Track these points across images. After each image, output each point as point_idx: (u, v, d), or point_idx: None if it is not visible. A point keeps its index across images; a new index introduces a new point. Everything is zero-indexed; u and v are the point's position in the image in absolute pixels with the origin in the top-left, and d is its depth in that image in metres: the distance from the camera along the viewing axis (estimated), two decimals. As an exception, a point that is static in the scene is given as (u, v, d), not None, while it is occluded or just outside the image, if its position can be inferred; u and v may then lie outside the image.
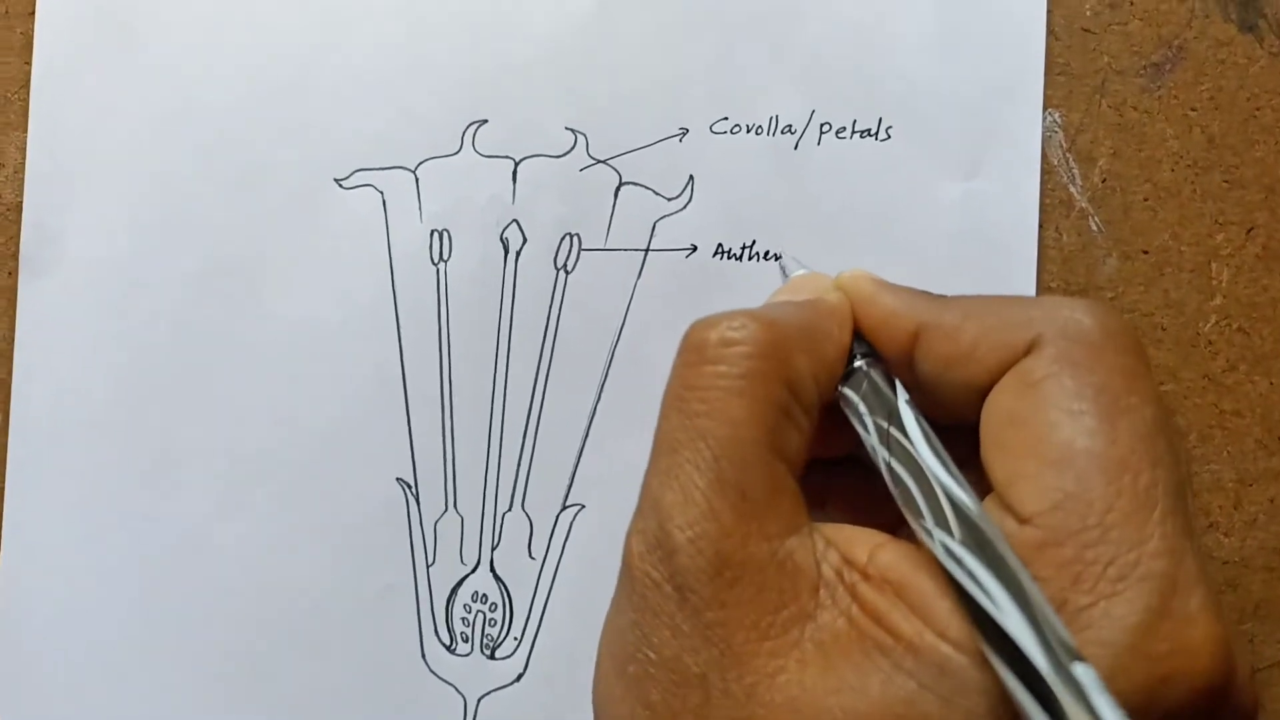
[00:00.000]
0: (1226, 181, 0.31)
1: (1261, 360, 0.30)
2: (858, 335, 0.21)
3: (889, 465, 0.18)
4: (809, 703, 0.16)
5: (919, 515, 0.17)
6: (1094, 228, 0.31)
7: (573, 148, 0.31)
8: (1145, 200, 0.31)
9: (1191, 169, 0.31)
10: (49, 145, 0.32)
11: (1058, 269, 0.31)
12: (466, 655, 0.31)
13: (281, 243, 0.32)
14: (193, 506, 0.31)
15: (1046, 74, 0.31)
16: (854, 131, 0.31)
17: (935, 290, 0.21)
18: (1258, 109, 0.31)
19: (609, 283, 0.31)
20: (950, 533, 0.17)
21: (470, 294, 0.31)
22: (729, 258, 0.31)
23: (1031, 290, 0.31)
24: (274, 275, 0.32)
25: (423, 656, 0.31)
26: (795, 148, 0.31)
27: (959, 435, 0.19)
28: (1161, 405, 0.18)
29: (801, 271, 0.24)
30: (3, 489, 0.32)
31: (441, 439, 0.31)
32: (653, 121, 0.31)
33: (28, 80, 0.33)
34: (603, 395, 0.31)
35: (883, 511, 0.19)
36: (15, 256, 0.33)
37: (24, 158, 0.33)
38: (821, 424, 0.20)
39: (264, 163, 0.32)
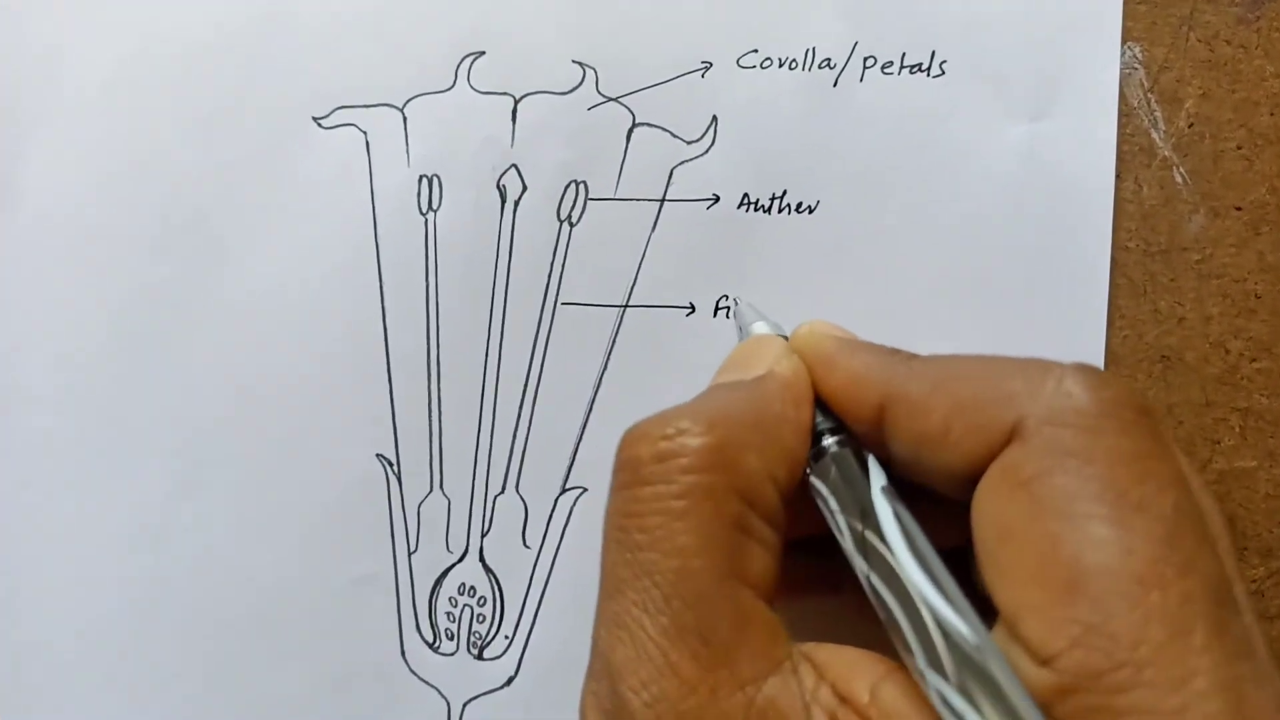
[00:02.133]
0: (1335, 129, 0.27)
1: (1372, 336, 0.27)
2: (823, 406, 0.18)
3: (869, 580, 0.15)
4: None
5: (907, 649, 0.14)
6: (1178, 179, 0.27)
7: (580, 84, 0.28)
8: (1239, 148, 0.27)
9: (1293, 114, 0.27)
10: (2, 86, 0.30)
11: (1136, 226, 0.27)
12: (451, 655, 0.28)
13: (252, 190, 0.29)
14: (150, 483, 0.29)
15: (1126, 2, 0.27)
16: (902, 66, 0.27)
17: (993, 257, 0.18)
18: (1374, 45, 0.27)
19: (618, 237, 0.28)
20: (944, 674, 0.14)
21: (462, 248, 0.28)
22: (756, 209, 0.28)
23: (1105, 253, 0.27)
24: (243, 226, 0.29)
25: (402, 655, 0.28)
26: (834, 85, 0.28)
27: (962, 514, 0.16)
28: (1184, 487, 0.14)
29: (759, 325, 0.21)
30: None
31: (427, 411, 0.28)
32: (671, 54, 0.28)
33: (-19, 12, 0.30)
34: (609, 365, 0.28)
35: None
36: (-35, 204, 0.30)
37: (-24, 96, 0.30)
38: (805, 498, 0.17)
39: (234, 100, 0.29)
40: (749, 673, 0.15)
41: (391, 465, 0.28)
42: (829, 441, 0.17)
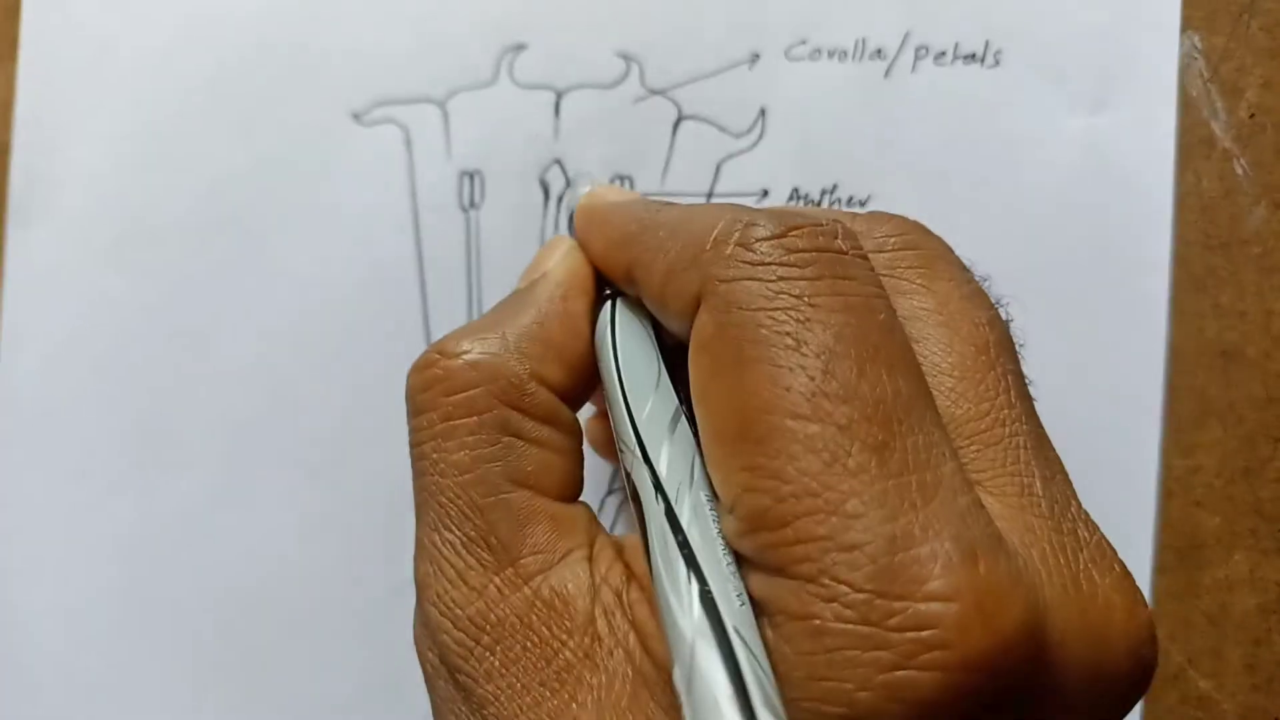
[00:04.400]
0: (1401, 118, 0.26)
1: None
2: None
3: (616, 427, 0.16)
4: None
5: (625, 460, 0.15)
6: (1239, 171, 0.27)
7: (624, 77, 0.28)
8: (1302, 139, 0.27)
9: (1358, 103, 0.26)
10: (40, 80, 0.30)
11: (1196, 219, 0.27)
12: (497, 658, 0.27)
13: (292, 187, 0.28)
14: (189, 488, 0.28)
15: None
16: (956, 56, 0.27)
17: (1051, 252, 0.17)
18: None
19: (665, 233, 0.27)
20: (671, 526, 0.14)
21: (505, 245, 0.28)
22: (806, 203, 0.27)
23: (1165, 247, 0.26)
24: (284, 224, 0.28)
25: (448, 658, 0.28)
26: (886, 76, 0.27)
27: None
28: (862, 314, 0.14)
29: (587, 189, 0.21)
30: (-12, 460, 0.29)
31: (471, 411, 0.28)
32: (718, 46, 0.28)
33: (17, 8, 0.30)
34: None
35: None
36: (2, 204, 0.30)
37: (13, 93, 0.30)
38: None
39: (274, 98, 0.29)
40: (533, 567, 0.16)
41: (435, 466, 0.28)
42: (606, 301, 0.18)
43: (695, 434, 0.15)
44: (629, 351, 0.17)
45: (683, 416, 0.16)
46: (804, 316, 0.14)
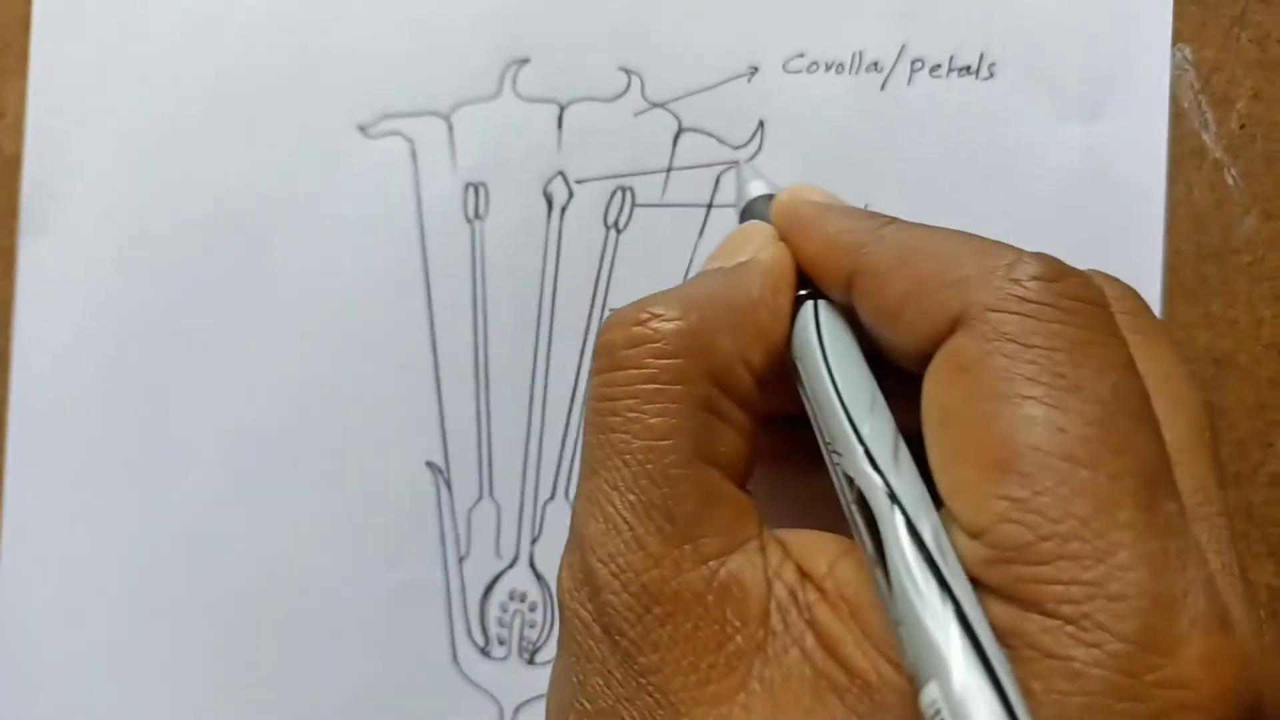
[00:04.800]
0: (1389, 128, 0.27)
1: None
2: (805, 279, 0.18)
3: (828, 447, 0.16)
4: None
5: (850, 518, 0.15)
6: (1230, 181, 0.27)
7: (626, 90, 0.28)
8: (1292, 150, 0.27)
9: (1347, 113, 0.27)
10: (50, 93, 0.30)
11: (1188, 229, 0.27)
12: (503, 659, 0.28)
13: (299, 198, 0.29)
14: (199, 488, 0.29)
15: (1176, 2, 0.27)
16: (951, 69, 0.27)
17: (1050, 253, 0.17)
18: None
19: (666, 243, 0.28)
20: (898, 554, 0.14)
21: (509, 255, 0.28)
22: (804, 215, 0.27)
23: (1157, 256, 0.27)
24: (290, 235, 0.29)
25: (454, 660, 0.28)
26: (882, 88, 0.27)
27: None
28: (1127, 372, 0.14)
29: (757, 185, 0.21)
30: (3, 460, 0.30)
31: (476, 418, 0.28)
32: (717, 59, 0.28)
33: (28, 21, 0.31)
34: (658, 371, 0.28)
35: None
36: (15, 213, 0.31)
37: (24, 106, 0.31)
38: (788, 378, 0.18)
39: (280, 110, 0.29)
40: (713, 549, 0.15)
41: (441, 472, 0.29)
42: (807, 304, 0.17)
43: (909, 450, 0.15)
44: (840, 357, 0.16)
45: (898, 431, 0.15)
46: (1078, 363, 0.14)
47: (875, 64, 0.28)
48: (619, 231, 0.28)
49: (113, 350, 0.30)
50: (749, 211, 0.21)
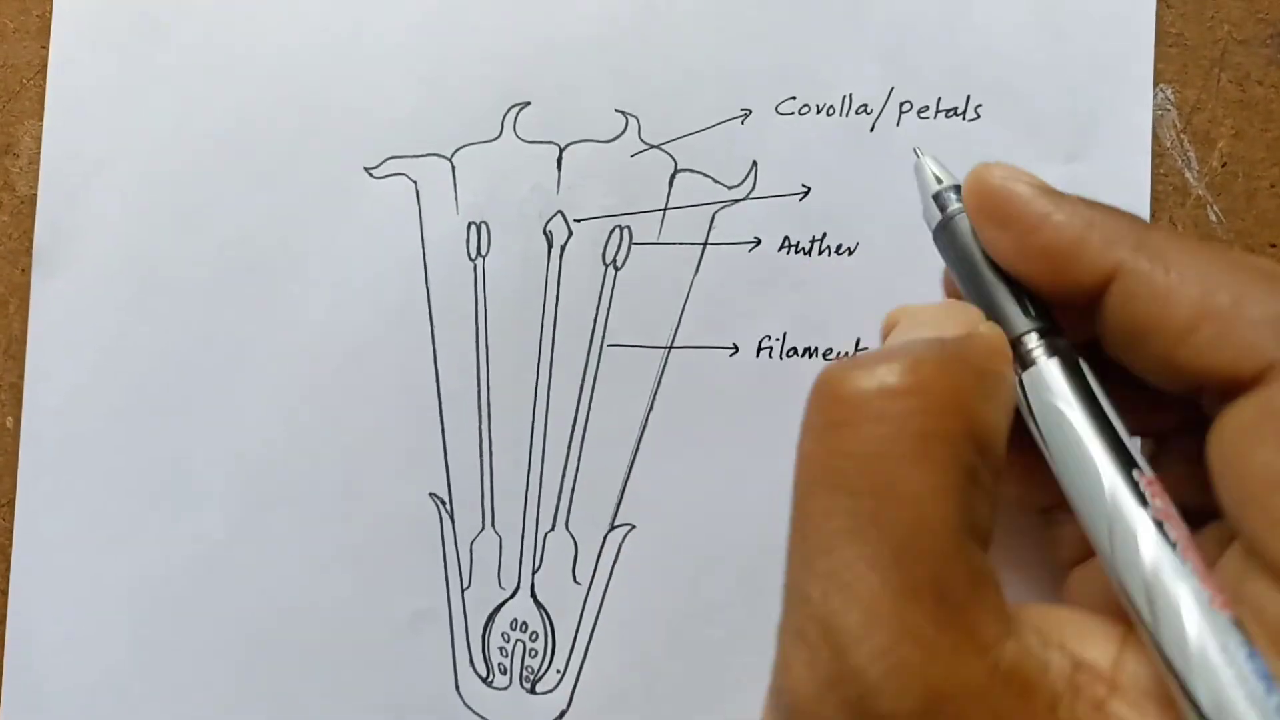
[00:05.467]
0: (1367, 165, 0.27)
1: None
2: (1027, 297, 0.16)
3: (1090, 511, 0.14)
4: None
5: (1144, 624, 0.13)
6: (1212, 218, 0.28)
7: (623, 132, 0.29)
8: (1272, 187, 0.28)
9: (1326, 151, 0.27)
10: (65, 134, 0.31)
11: (1171, 265, 0.28)
12: (504, 688, 0.29)
13: (307, 237, 0.30)
14: (208, 522, 0.30)
15: (1157, 45, 0.28)
16: (938, 111, 0.28)
17: None
18: (1404, 82, 0.27)
19: (663, 280, 0.29)
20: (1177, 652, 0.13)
21: (510, 292, 0.29)
22: (797, 252, 0.28)
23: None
24: (298, 272, 0.30)
25: (456, 689, 0.29)
26: (871, 130, 0.28)
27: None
28: None
29: (937, 172, 0.19)
30: (14, 496, 0.30)
31: (478, 451, 0.29)
32: (712, 102, 0.29)
33: (44, 65, 0.32)
34: (655, 404, 0.28)
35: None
36: (29, 252, 0.31)
37: (39, 147, 0.31)
38: None
39: (289, 151, 0.30)
40: (988, 635, 0.13)
41: (444, 504, 0.29)
42: (1034, 345, 0.16)
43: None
44: (1101, 420, 0.15)
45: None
46: None
47: (865, 106, 0.28)
48: (617, 269, 0.29)
49: (124, 386, 0.30)
50: (939, 202, 0.20)
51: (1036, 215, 0.16)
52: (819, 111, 0.28)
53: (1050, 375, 0.15)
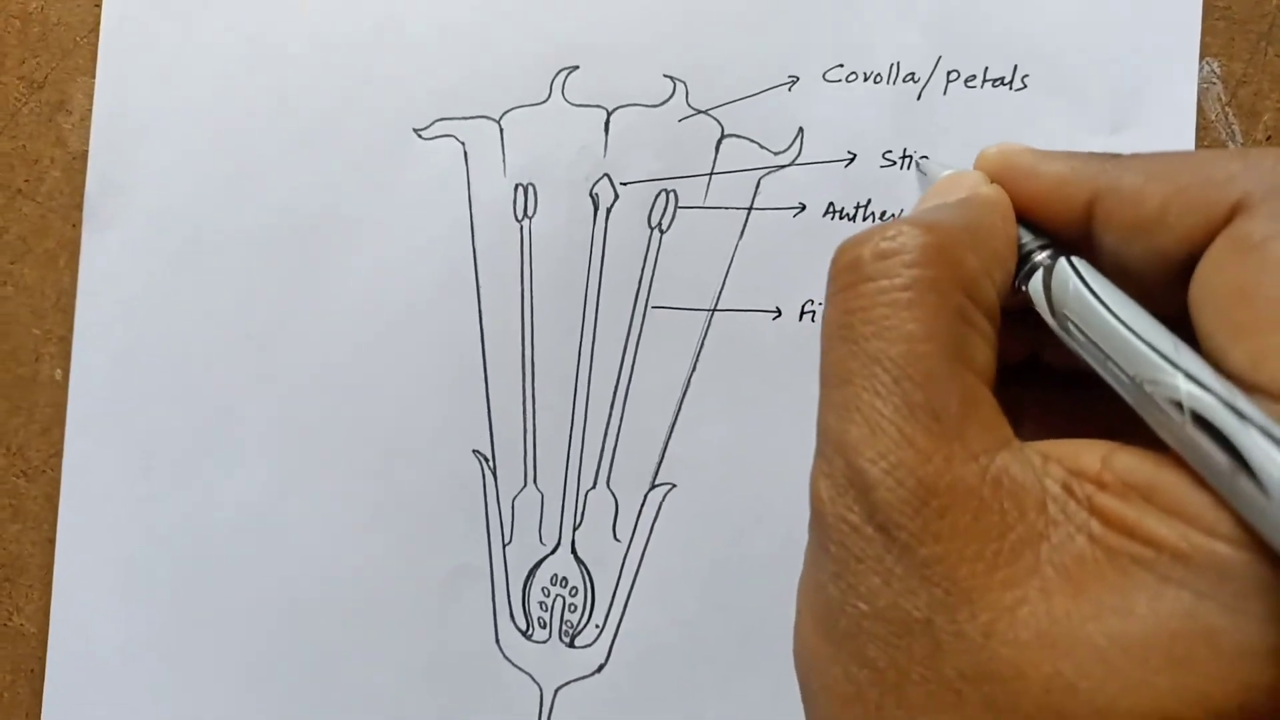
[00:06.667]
0: None
1: None
2: (1024, 223, 0.19)
3: (1133, 381, 0.16)
4: (1064, 634, 0.14)
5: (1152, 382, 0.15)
6: (1256, 191, 0.28)
7: (670, 97, 0.29)
8: (1316, 161, 0.28)
9: (1371, 127, 0.27)
10: (117, 92, 0.32)
11: (1213, 237, 0.28)
12: (544, 642, 0.29)
13: (355, 197, 0.30)
14: (253, 477, 0.30)
15: (1205, 18, 0.28)
16: (985, 80, 0.28)
17: None
18: None
19: (707, 244, 0.29)
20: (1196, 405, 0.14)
21: (556, 254, 0.29)
22: (841, 218, 0.28)
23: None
24: (347, 232, 0.30)
25: (497, 642, 0.29)
26: (918, 98, 0.28)
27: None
28: None
29: (948, 173, 0.21)
30: (62, 448, 0.31)
31: (522, 410, 0.29)
32: (759, 68, 0.29)
33: (97, 24, 0.32)
34: (697, 366, 0.29)
35: (1090, 422, 0.17)
36: (80, 207, 0.32)
37: (91, 104, 0.32)
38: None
39: (339, 112, 0.30)
40: (980, 446, 0.15)
41: (487, 461, 0.30)
42: (1041, 254, 0.18)
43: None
44: (1120, 303, 0.17)
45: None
46: None
47: (912, 75, 0.29)
48: (662, 232, 0.29)
49: (170, 342, 0.31)
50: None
51: (1027, 166, 0.19)
52: (866, 79, 0.29)
53: (1072, 270, 0.18)
